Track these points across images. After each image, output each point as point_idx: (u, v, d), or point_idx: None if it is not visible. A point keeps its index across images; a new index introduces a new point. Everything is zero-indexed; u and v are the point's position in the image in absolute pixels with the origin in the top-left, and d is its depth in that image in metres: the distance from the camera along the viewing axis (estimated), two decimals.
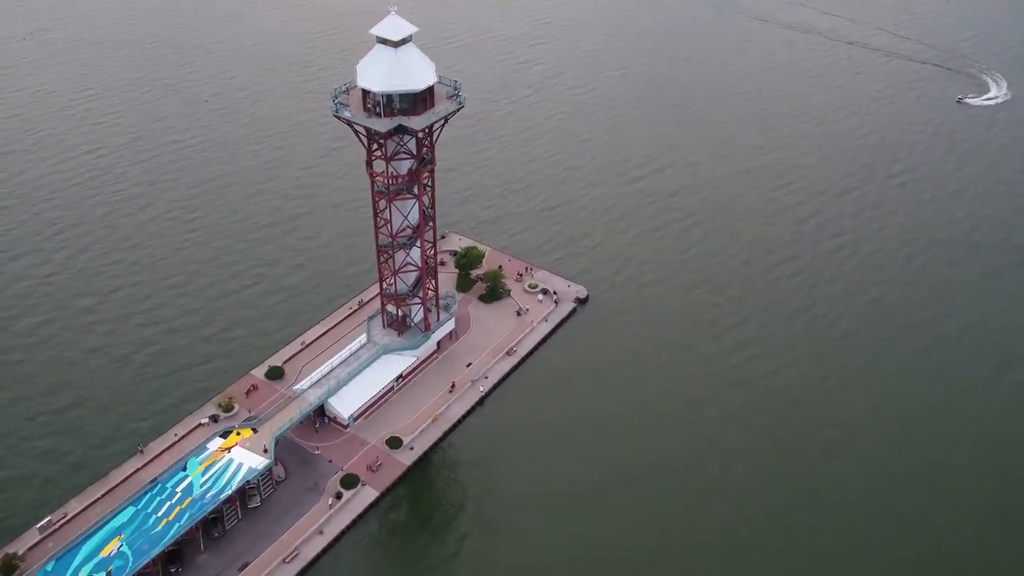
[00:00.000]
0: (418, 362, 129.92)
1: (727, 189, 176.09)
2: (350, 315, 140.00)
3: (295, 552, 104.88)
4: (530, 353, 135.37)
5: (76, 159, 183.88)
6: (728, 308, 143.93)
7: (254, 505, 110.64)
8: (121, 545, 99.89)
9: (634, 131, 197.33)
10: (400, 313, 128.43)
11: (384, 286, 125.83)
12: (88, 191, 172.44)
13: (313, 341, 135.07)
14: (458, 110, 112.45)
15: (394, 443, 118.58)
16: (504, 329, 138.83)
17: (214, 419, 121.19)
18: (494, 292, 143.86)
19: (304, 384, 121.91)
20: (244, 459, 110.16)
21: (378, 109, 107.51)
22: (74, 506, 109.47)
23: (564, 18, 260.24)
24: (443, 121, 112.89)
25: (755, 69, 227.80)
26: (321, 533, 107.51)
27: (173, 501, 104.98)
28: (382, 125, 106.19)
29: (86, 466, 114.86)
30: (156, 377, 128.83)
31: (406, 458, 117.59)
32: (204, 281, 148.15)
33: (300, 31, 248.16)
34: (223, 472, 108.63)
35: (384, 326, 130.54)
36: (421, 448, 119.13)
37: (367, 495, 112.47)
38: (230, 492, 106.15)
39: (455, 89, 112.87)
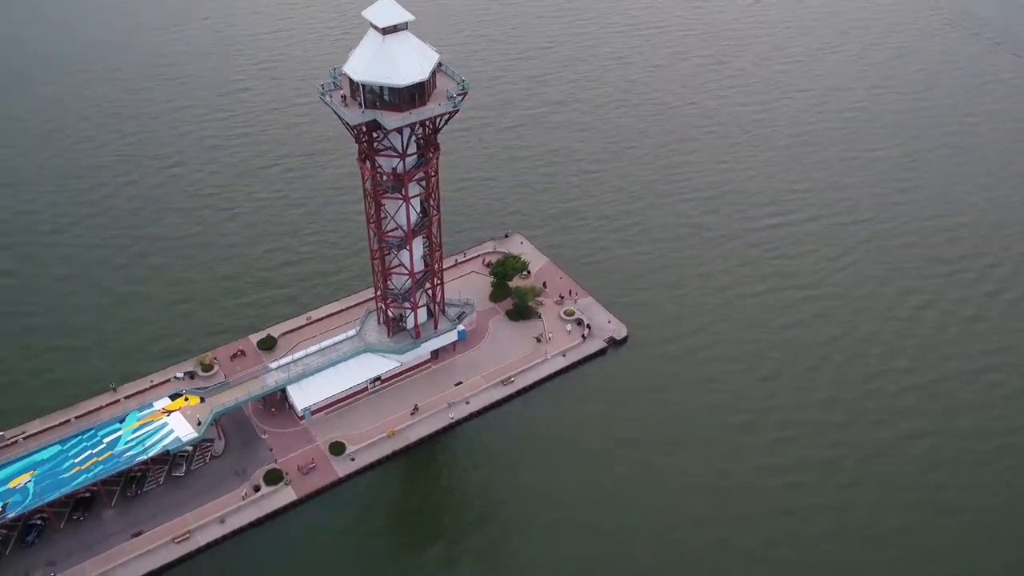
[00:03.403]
0: (403, 368, 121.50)
1: (874, 259, 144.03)
2: (368, 300, 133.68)
3: (187, 534, 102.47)
4: (530, 387, 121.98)
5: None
6: (803, 417, 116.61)
7: (178, 474, 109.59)
8: (30, 481, 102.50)
9: (793, 167, 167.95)
10: (392, 314, 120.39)
11: (377, 284, 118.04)
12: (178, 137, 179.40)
13: (319, 319, 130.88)
14: (452, 113, 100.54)
15: (336, 449, 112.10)
16: (515, 353, 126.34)
17: (191, 375, 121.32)
18: (521, 310, 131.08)
19: (274, 364, 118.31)
20: (176, 427, 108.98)
21: (359, 98, 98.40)
22: (35, 426, 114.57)
23: (787, 21, 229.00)
24: (441, 120, 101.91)
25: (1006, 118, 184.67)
26: (222, 522, 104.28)
27: (95, 451, 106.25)
28: (353, 117, 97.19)
29: (62, 390, 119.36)
30: (159, 323, 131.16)
31: (342, 468, 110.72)
32: (242, 241, 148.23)
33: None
34: (152, 435, 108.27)
35: (379, 323, 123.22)
36: (363, 461, 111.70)
37: (284, 496, 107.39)
38: (145, 457, 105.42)
39: (462, 88, 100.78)
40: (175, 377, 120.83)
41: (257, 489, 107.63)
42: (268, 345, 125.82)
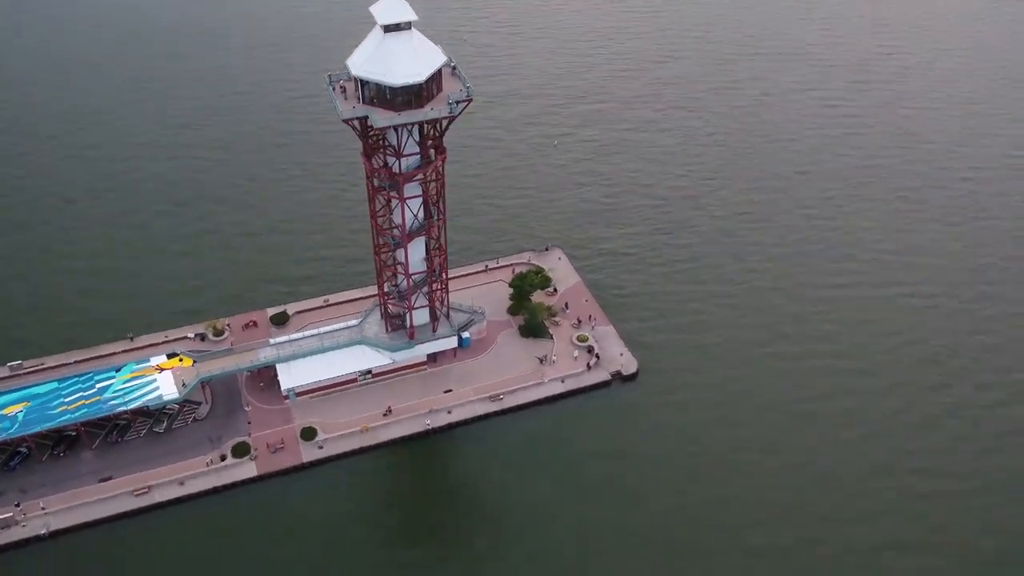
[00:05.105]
0: (396, 366, 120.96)
1: (940, 348, 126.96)
2: None
3: (147, 489, 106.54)
4: (518, 408, 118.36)
5: None
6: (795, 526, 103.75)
7: (159, 430, 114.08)
8: (21, 411, 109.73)
9: (886, 226, 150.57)
10: (392, 311, 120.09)
11: (380, 280, 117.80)
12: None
13: (336, 304, 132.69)
14: (448, 118, 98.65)
15: (308, 434, 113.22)
16: (515, 370, 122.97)
17: (201, 337, 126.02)
18: (532, 327, 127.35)
19: (273, 341, 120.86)
20: (162, 384, 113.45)
21: (358, 93, 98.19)
22: (51, 361, 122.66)
23: (932, 67, 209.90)
24: (441, 124, 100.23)
25: None
26: (181, 484, 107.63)
27: (86, 394, 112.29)
28: (344, 110, 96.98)
29: (86, 332, 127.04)
30: (190, 284, 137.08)
31: (308, 454, 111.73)
32: (287, 221, 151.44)
33: None
34: (139, 388, 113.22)
35: (381, 318, 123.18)
36: (330, 451, 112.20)
37: (246, 470, 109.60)
38: (125, 408, 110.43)
39: (466, 94, 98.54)
40: (187, 336, 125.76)
41: (223, 458, 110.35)
42: (280, 320, 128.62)
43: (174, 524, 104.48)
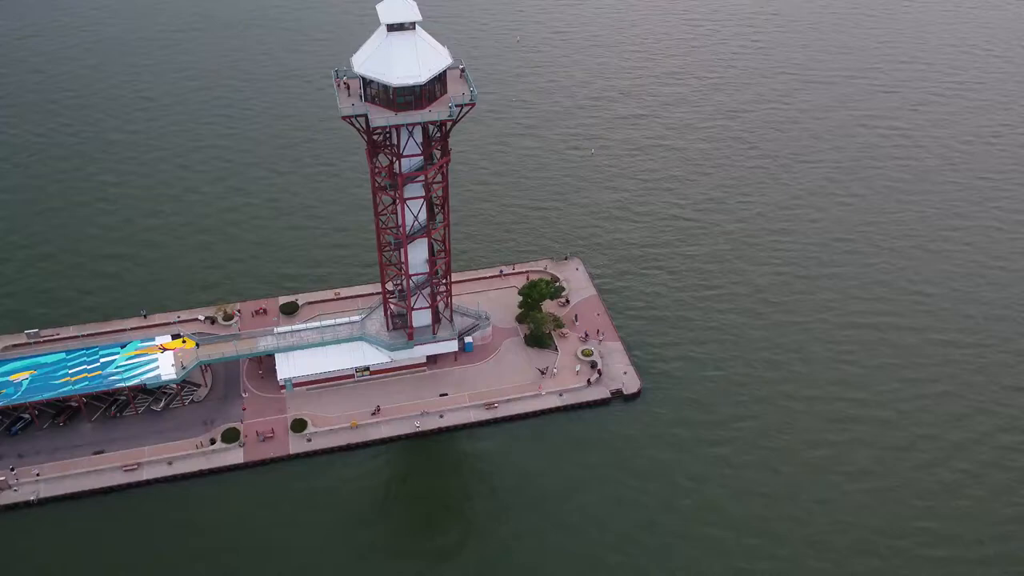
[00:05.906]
0: (394, 365, 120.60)
1: (963, 394, 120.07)
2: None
3: (137, 466, 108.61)
4: (512, 418, 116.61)
5: None
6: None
7: (156, 409, 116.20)
8: (26, 379, 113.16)
9: (931, 265, 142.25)
10: (394, 310, 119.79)
11: (384, 278, 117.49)
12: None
13: (347, 297, 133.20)
14: (447, 122, 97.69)
15: (298, 426, 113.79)
16: (514, 379, 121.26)
17: (212, 321, 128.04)
18: (536, 337, 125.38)
19: (277, 330, 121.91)
20: (162, 365, 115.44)
21: (361, 90, 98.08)
22: (69, 331, 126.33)
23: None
24: (445, 126, 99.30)
25: None
26: (169, 464, 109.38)
27: (89, 367, 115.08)
28: (344, 107, 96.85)
29: (104, 306, 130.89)
30: (208, 267, 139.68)
31: (296, 445, 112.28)
32: (307, 209, 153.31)
33: None
34: (140, 366, 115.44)
35: (384, 315, 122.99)
36: (318, 444, 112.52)
37: (233, 456, 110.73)
38: (123, 385, 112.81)
39: (470, 98, 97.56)
40: (198, 319, 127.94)
41: (213, 442, 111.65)
42: (290, 310, 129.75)
43: (158, 502, 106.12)
